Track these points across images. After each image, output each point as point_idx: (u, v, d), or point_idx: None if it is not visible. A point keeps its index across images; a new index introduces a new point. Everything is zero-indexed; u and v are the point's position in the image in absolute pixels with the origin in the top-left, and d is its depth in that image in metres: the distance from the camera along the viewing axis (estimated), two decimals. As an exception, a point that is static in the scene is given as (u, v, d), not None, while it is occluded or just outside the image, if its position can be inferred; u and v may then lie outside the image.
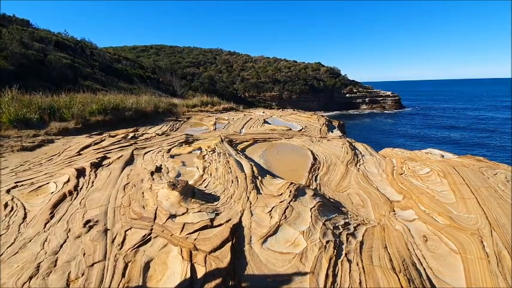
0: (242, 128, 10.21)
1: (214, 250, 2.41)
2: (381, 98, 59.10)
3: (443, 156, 5.74)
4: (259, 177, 4.45)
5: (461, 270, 2.44)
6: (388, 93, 61.02)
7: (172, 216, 3.11)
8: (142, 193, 3.83)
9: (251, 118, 12.27)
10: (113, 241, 2.76)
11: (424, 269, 2.48)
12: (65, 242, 2.75)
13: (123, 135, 7.81)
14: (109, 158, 5.54)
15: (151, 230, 2.93)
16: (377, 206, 3.92)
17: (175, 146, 6.96)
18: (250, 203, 3.47)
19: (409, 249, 2.73)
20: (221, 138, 7.60)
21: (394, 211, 3.76)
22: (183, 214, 3.12)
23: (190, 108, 15.52)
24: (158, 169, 5.02)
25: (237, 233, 2.77)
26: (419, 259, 2.61)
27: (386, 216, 3.55)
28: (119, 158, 5.48)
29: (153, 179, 4.43)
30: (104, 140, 7.09)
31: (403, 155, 6.17)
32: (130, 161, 5.39)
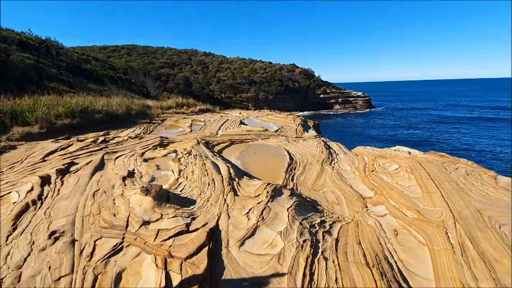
0: (219, 129, 10.11)
1: (191, 256, 2.35)
2: (353, 99, 61.53)
3: (410, 153, 6.07)
4: (236, 179, 4.42)
5: (429, 262, 2.58)
6: (359, 93, 63.71)
7: (146, 223, 2.99)
8: (114, 200, 3.64)
9: (228, 119, 12.20)
10: (81, 252, 2.60)
11: (396, 262, 2.59)
12: (29, 255, 2.54)
13: (92, 139, 7.40)
14: (77, 163, 5.22)
15: (123, 238, 2.80)
16: (351, 203, 4.04)
17: (149, 149, 6.72)
18: (228, 206, 3.43)
19: (381, 244, 2.85)
20: (197, 140, 7.47)
21: (367, 207, 3.91)
22: (157, 220, 3.01)
23: (165, 110, 15.10)
24: (131, 174, 4.81)
25: (214, 237, 2.72)
26: (390, 253, 2.73)
27: (359, 212, 3.68)
28: (87, 163, 5.18)
29: (125, 185, 4.24)
30: (72, 144, 6.67)
31: (374, 153, 6.45)
32: (100, 167, 5.11)
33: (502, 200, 3.45)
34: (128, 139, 7.72)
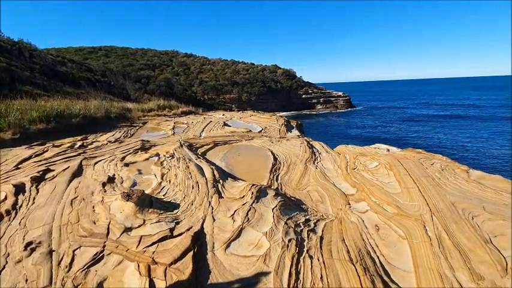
0: (202, 131, 10.01)
1: (175, 261, 2.31)
2: (334, 98, 62.96)
3: (389, 150, 6.29)
4: (221, 181, 4.39)
5: (409, 254, 2.68)
6: (340, 93, 65.28)
7: (128, 230, 2.90)
8: (93, 207, 3.51)
9: (211, 121, 12.11)
10: (59, 263, 2.48)
11: (378, 257, 2.67)
12: (4, 268, 2.40)
13: (69, 144, 7.10)
14: (53, 170, 4.98)
15: (104, 246, 2.70)
16: (334, 201, 4.13)
17: (130, 153, 6.54)
18: (212, 208, 3.40)
19: (363, 240, 2.93)
20: (180, 142, 7.36)
21: (350, 204, 4.01)
22: (139, 226, 2.93)
23: (146, 112, 14.77)
24: (111, 179, 4.67)
25: (199, 241, 2.69)
26: (372, 247, 2.81)
27: (342, 209, 3.76)
28: (64, 170, 4.96)
29: (105, 191, 4.10)
30: (47, 150, 6.36)
31: (355, 151, 6.62)
32: (78, 173, 4.91)
33: (474, 192, 3.65)
34: (107, 143, 7.47)
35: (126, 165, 5.65)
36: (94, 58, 56.26)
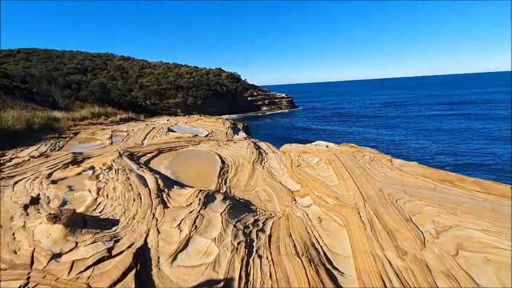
0: (144, 138, 9.40)
1: (115, 284, 2.10)
2: (278, 100, 65.68)
3: (328, 146, 6.81)
4: (166, 190, 4.18)
5: (347, 241, 2.94)
6: (283, 95, 68.44)
7: (57, 256, 2.55)
8: (13, 234, 3.02)
9: (154, 127, 11.45)
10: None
11: (321, 247, 2.86)
12: None
13: (-25, 164, 5.93)
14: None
15: (28, 279, 2.32)
16: (281, 198, 4.29)
17: (58, 168, 5.78)
18: (157, 220, 3.20)
19: (308, 232, 3.10)
20: (119, 152, 6.78)
21: (295, 200, 4.21)
22: (71, 250, 2.60)
23: (79, 121, 13.23)
24: (35, 200, 4.07)
25: (142, 257, 2.50)
26: (316, 239, 3.00)
27: (289, 206, 3.93)
28: (-32, 195, 4.13)
29: (28, 214, 3.55)
30: None
31: (299, 149, 7.00)
32: (-10, 197, 4.14)
33: (397, 178, 4.19)
34: (29, 159, 6.48)
35: (54, 182, 4.99)
36: (12, 62, 47.90)
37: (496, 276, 2.18)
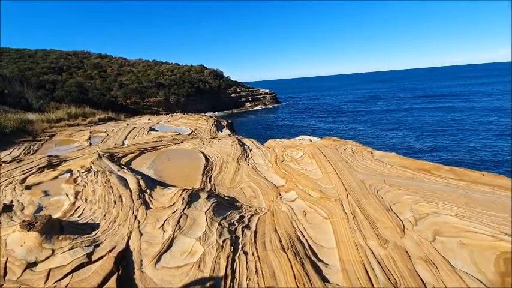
0: (125, 139, 9.13)
1: (95, 290, 2.03)
2: (261, 96, 65.64)
3: (311, 140, 6.89)
4: (148, 191, 4.08)
5: (331, 232, 2.99)
6: (266, 91, 68.49)
7: (32, 265, 2.42)
8: (-19, 246, 2.82)
9: (135, 127, 11.15)
10: None
11: (306, 240, 2.90)
12: None
13: None
14: None
15: (0, 291, 2.20)
16: (266, 194, 4.30)
17: (32, 173, 5.51)
18: (139, 222, 3.12)
19: (293, 226, 3.13)
20: (99, 154, 6.55)
21: (280, 195, 4.23)
22: (47, 258, 2.48)
23: (54, 123, 12.67)
24: (7, 208, 3.87)
25: (124, 261, 2.43)
26: (301, 232, 3.03)
27: (274, 201, 3.95)
28: None
29: (0, 222, 3.36)
30: None
31: (283, 144, 7.04)
32: (-45, 207, 3.87)
33: (377, 169, 4.30)
34: (1, 164, 6.14)
35: (28, 187, 4.75)
36: (-21, 63, 44.65)
37: (471, 259, 2.30)
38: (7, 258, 2.54)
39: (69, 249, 2.58)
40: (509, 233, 2.37)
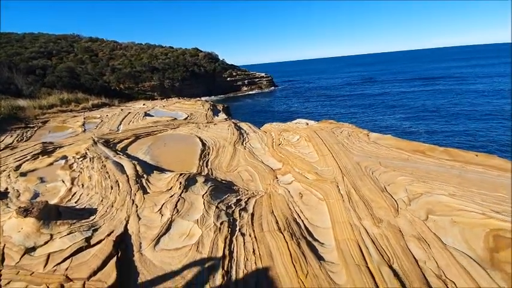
0: (120, 124, 9.04)
1: (95, 273, 2.07)
2: (258, 79, 64.67)
3: (307, 123, 6.88)
4: (145, 176, 4.09)
5: (327, 213, 3.04)
6: (262, 74, 67.39)
7: (30, 250, 2.46)
8: (-21, 232, 2.84)
9: (130, 112, 11.01)
10: None
11: (302, 221, 2.95)
12: None
13: None
14: None
15: (0, 276, 2.23)
16: (263, 177, 4.33)
17: (27, 160, 5.48)
18: (137, 206, 3.15)
19: (290, 208, 3.18)
20: (94, 140, 6.50)
21: (277, 178, 4.27)
22: (46, 243, 2.51)
23: (47, 109, 12.48)
24: (2, 195, 3.88)
25: (123, 244, 2.47)
26: (298, 214, 3.08)
27: (271, 184, 3.99)
28: None
29: (-4, 210, 3.36)
30: None
31: (280, 128, 7.02)
32: (-50, 195, 3.87)
33: (373, 151, 4.33)
34: (-7, 152, 6.07)
35: (23, 174, 4.73)
36: (-36, 49, 42.96)
37: (461, 236, 2.37)
38: (4, 245, 2.56)
39: (68, 234, 2.61)
40: (499, 211, 2.43)
